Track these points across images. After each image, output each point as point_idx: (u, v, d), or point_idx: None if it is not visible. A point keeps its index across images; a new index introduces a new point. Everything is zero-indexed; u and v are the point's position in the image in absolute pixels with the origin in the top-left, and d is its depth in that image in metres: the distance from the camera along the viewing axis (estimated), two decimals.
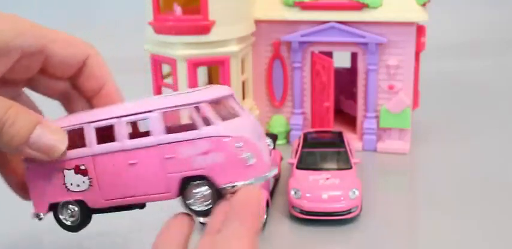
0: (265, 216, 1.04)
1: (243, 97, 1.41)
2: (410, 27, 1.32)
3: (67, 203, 0.44)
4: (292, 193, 1.08)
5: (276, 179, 1.22)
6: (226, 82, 1.33)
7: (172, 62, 1.27)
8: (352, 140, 1.34)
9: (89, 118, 0.45)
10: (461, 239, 1.01)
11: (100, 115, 0.44)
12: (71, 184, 0.43)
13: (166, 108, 0.43)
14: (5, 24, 0.45)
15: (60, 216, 0.46)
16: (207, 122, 0.42)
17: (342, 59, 1.56)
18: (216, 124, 0.42)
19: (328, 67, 1.35)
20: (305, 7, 1.35)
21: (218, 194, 0.44)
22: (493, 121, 1.56)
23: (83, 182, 0.42)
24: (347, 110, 1.56)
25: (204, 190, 0.43)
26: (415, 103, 1.45)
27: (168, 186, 0.43)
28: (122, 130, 0.43)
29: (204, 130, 0.42)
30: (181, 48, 1.26)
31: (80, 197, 0.43)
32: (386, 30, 1.32)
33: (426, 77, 1.58)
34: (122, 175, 0.43)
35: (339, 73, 1.51)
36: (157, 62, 1.32)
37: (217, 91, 0.46)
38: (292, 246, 1.03)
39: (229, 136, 0.42)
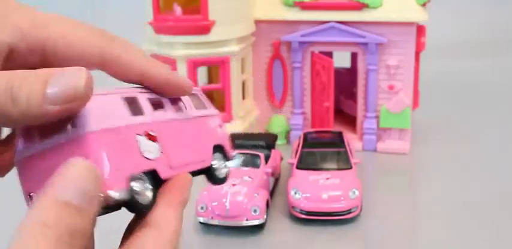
0: (265, 216, 1.04)
1: (243, 97, 1.41)
2: (410, 27, 1.32)
3: (137, 178, 0.40)
4: (292, 193, 1.08)
5: (276, 179, 1.22)
6: (226, 82, 1.33)
7: (172, 62, 1.27)
8: (352, 140, 1.34)
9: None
10: (460, 238, 1.01)
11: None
12: (145, 151, 0.41)
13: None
14: None
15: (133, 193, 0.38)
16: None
17: (342, 59, 1.56)
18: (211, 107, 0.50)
19: (328, 67, 1.35)
20: (305, 7, 1.35)
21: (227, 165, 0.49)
22: (493, 121, 1.56)
23: (155, 148, 0.41)
24: (347, 110, 1.56)
25: (221, 161, 0.48)
26: (415, 103, 1.45)
27: (206, 153, 0.46)
28: (166, 104, 0.44)
29: (213, 109, 0.49)
30: (181, 48, 1.27)
31: (153, 166, 0.41)
32: (387, 30, 1.32)
33: (426, 77, 1.58)
34: (182, 140, 0.43)
35: (339, 73, 1.51)
36: None
37: None
38: (292, 246, 1.03)
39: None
